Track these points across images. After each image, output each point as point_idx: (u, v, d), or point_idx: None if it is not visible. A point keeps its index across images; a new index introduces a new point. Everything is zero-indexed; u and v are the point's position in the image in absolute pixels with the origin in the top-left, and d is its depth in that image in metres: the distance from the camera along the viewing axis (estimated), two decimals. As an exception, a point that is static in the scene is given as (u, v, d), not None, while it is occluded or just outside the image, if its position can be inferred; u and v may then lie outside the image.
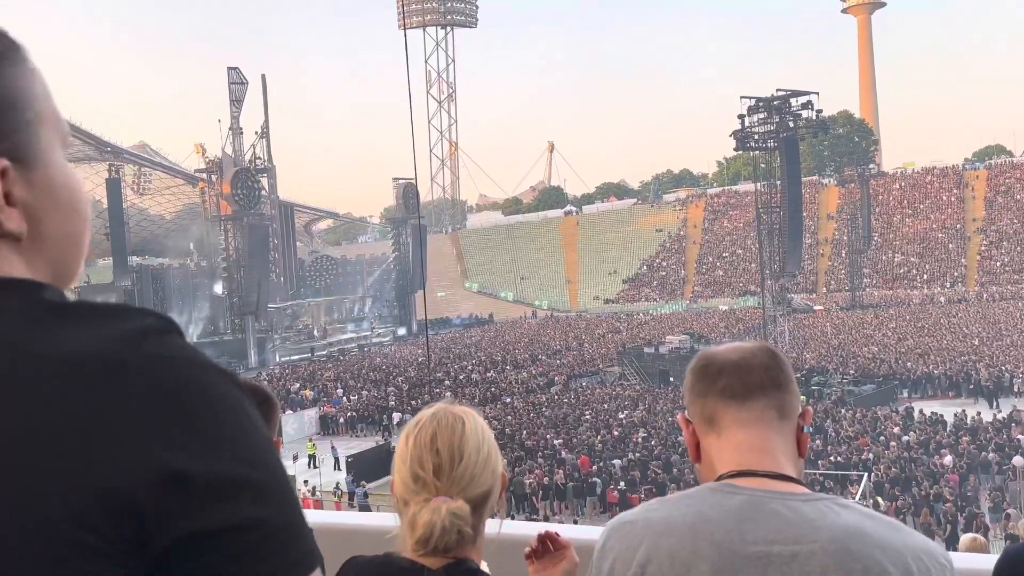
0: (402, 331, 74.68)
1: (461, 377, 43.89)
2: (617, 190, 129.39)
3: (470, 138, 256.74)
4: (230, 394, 0.77)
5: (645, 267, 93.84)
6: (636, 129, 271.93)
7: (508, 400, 37.05)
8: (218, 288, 63.71)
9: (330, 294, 76.81)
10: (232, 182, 59.79)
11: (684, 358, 37.19)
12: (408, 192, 74.55)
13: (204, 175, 65.36)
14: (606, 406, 33.45)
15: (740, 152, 52.12)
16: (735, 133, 46.91)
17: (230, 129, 65.96)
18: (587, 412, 32.24)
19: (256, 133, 70.02)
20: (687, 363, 1.54)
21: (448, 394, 34.68)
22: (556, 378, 42.16)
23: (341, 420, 36.83)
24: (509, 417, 32.11)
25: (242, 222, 60.46)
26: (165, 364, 0.74)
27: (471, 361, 49.53)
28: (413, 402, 36.33)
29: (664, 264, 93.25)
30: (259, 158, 68.98)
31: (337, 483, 26.37)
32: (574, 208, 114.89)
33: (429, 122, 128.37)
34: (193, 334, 61.66)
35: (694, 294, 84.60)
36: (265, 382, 47.77)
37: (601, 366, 45.53)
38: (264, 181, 67.72)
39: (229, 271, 61.19)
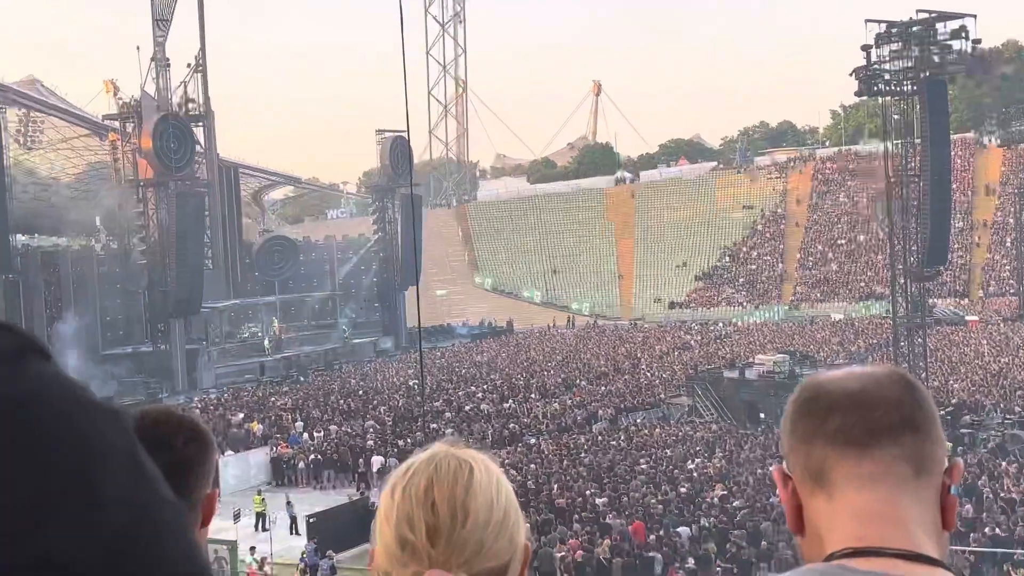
0: (387, 343, 75.44)
1: (468, 408, 44.57)
2: (689, 150, 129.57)
3: (485, 76, 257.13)
4: (116, 444, 0.73)
5: (727, 258, 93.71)
6: (717, 66, 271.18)
7: (533, 441, 37.69)
8: (135, 280, 64.21)
9: (288, 291, 77.33)
10: (155, 133, 60.06)
11: (781, 387, 38.44)
12: (397, 150, 74.33)
13: (116, 123, 65.52)
14: (670, 452, 33.84)
15: (864, 98, 51.77)
16: (857, 72, 46.65)
17: (152, 60, 66.38)
18: (643, 460, 32.76)
19: (189, 66, 70.83)
20: (785, 394, 1.55)
21: (450, 432, 36.24)
22: (600, 412, 42.90)
23: (301, 465, 37.45)
24: (534, 465, 32.64)
25: (168, 189, 61.11)
26: (15, 407, 0.70)
27: (482, 386, 50.29)
28: (400, 442, 37.08)
29: (754, 254, 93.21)
30: (192, 101, 69.57)
31: (303, 554, 26.89)
32: (628, 175, 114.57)
33: (428, 52, 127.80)
34: (99, 343, 62.33)
35: (796, 296, 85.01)
36: (196, 411, 47.91)
37: (664, 396, 46.36)
38: (199, 133, 68.12)
39: (149, 256, 61.67)
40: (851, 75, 47.49)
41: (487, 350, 67.85)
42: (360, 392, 51.30)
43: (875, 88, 47.09)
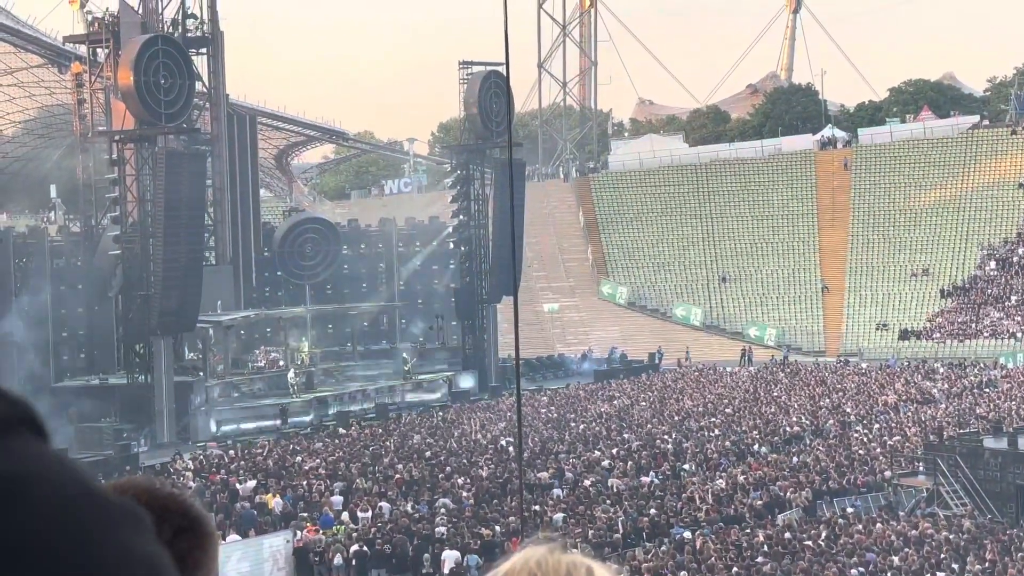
0: (467, 381, 74.78)
1: (588, 483, 44.12)
2: (937, 96, 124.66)
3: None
4: (133, 551, 0.72)
5: (993, 263, 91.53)
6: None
7: (687, 536, 37.08)
8: (104, 279, 64.09)
9: (325, 299, 77.72)
10: (137, 64, 58.95)
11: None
12: (490, 92, 74.30)
13: (83, 48, 66.13)
14: (897, 560, 33.18)
15: None
16: None
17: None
18: (856, 570, 32.47)
19: (188, -32, 69.86)
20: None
21: (560, 517, 38.06)
22: (790, 495, 42.38)
23: (338, 559, 37.18)
24: (686, 573, 32.51)
25: (155, 146, 60.71)
26: None
27: (610, 451, 49.85)
28: (484, 530, 37.37)
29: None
30: (193, 17, 69.72)
31: None
32: (841, 133, 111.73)
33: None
34: (49, 368, 61.78)
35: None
36: (188, 481, 47.32)
37: (888, 474, 45.78)
38: (202, 65, 68.63)
39: (126, 245, 61.43)
40: None
41: (619, 396, 66.64)
42: (428, 454, 50.67)
43: None
